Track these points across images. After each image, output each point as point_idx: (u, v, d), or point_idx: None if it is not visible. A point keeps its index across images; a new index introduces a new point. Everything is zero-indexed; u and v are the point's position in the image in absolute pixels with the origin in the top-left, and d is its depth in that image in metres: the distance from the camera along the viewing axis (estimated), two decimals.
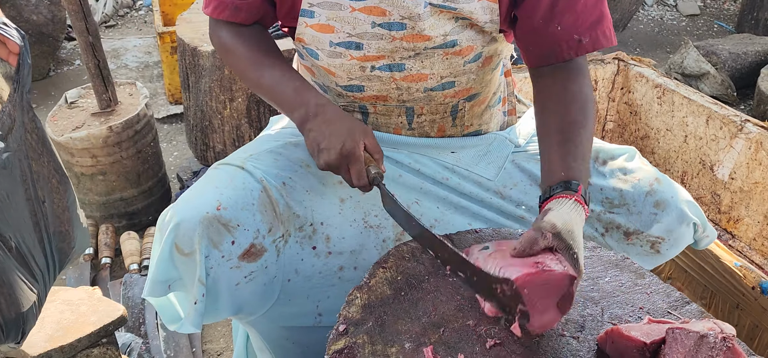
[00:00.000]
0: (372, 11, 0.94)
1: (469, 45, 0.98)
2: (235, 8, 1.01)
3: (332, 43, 0.98)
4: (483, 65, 1.03)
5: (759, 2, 3.49)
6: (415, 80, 1.00)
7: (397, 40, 0.96)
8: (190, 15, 2.29)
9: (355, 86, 1.02)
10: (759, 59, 2.93)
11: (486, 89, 1.07)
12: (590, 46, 0.94)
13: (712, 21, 4.09)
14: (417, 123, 1.05)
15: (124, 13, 3.81)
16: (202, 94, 2.08)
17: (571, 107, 0.92)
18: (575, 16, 0.93)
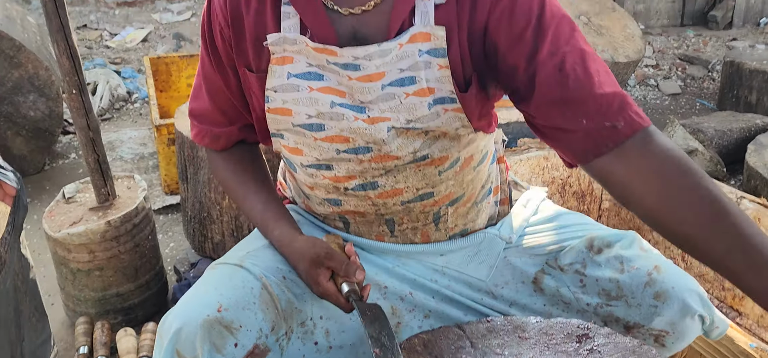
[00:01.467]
0: (334, 140, 0.93)
1: (442, 155, 0.96)
2: (214, 137, 1.05)
3: (303, 165, 0.98)
4: (462, 168, 1.00)
5: (737, 81, 3.62)
6: (391, 196, 0.98)
7: (365, 162, 0.94)
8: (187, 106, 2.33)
9: (333, 200, 1.01)
10: (744, 135, 3.01)
11: (470, 188, 1.04)
12: (628, 130, 0.83)
13: (693, 99, 4.22)
14: (399, 231, 1.03)
15: (120, 107, 3.87)
16: (200, 186, 2.08)
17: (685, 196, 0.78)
18: (596, 103, 0.84)
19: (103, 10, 5.25)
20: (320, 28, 0.89)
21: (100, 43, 4.69)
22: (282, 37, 0.90)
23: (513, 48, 0.86)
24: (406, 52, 0.88)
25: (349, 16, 0.89)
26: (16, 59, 2.78)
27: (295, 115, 0.93)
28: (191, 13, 5.21)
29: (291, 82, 0.92)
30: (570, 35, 0.86)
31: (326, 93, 0.91)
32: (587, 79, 0.85)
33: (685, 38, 5.15)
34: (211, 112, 1.04)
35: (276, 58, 0.92)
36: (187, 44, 4.77)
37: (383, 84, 0.90)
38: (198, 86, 1.05)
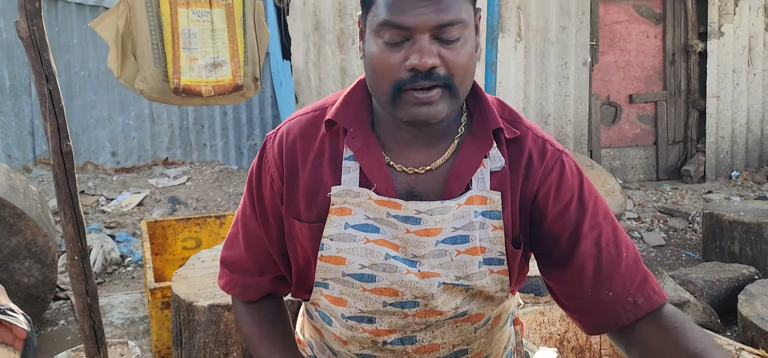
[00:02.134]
0: (383, 292, 0.96)
1: (479, 312, 0.99)
2: (244, 286, 1.06)
3: (344, 316, 0.99)
4: (492, 326, 1.03)
5: (718, 232, 3.74)
6: (427, 351, 1.00)
7: (409, 317, 0.97)
8: (186, 271, 2.35)
9: (367, 355, 1.01)
10: (734, 286, 3.06)
11: (496, 347, 1.07)
12: (647, 306, 0.93)
13: (678, 251, 4.32)
14: None
15: (113, 271, 3.86)
16: (195, 350, 2.04)
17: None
18: (622, 278, 0.93)
19: (102, 176, 5.41)
20: (383, 182, 0.94)
21: (96, 208, 4.78)
22: (346, 189, 0.95)
23: (559, 218, 0.95)
24: (462, 212, 0.94)
25: (404, 174, 0.96)
26: (16, 227, 2.83)
27: (348, 264, 0.96)
28: (187, 178, 5.38)
29: (348, 232, 0.95)
30: (605, 211, 0.97)
31: (381, 245, 0.95)
32: (618, 255, 0.94)
33: (663, 192, 5.37)
34: (244, 261, 1.05)
35: (335, 209, 0.95)
36: (182, 208, 4.88)
37: (437, 240, 0.94)
38: (234, 235, 1.07)
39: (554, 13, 5.05)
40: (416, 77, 0.87)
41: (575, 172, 0.97)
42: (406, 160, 0.96)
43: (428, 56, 0.86)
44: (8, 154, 5.28)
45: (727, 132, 5.62)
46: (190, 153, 5.67)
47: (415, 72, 0.87)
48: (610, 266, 0.94)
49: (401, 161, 0.96)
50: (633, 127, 5.68)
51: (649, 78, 5.65)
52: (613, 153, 5.61)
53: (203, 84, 3.31)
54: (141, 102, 5.45)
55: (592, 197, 0.97)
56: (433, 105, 0.89)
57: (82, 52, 5.36)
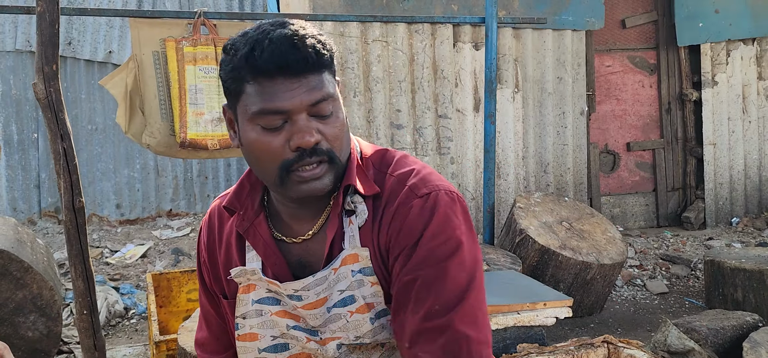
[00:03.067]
0: (300, 356, 1.00)
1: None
2: (201, 346, 1.14)
3: None
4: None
5: (721, 279, 3.75)
6: None
7: None
8: (193, 323, 2.36)
9: None
10: (738, 333, 3.05)
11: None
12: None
13: (681, 298, 4.31)
14: None
15: (116, 323, 3.86)
16: None
17: None
18: (409, 326, 0.91)
19: (106, 228, 5.45)
20: (270, 258, 0.99)
21: (101, 260, 4.80)
22: (242, 269, 1.00)
23: (395, 262, 0.94)
24: (341, 274, 0.96)
25: (293, 244, 0.99)
26: (23, 281, 2.85)
27: (261, 339, 1.00)
28: (190, 229, 5.41)
29: (255, 307, 1.00)
30: (442, 259, 0.91)
31: (283, 317, 0.99)
32: (423, 303, 0.89)
33: (664, 239, 5.39)
34: (209, 340, 1.12)
35: (242, 288, 1.01)
36: (186, 259, 4.90)
37: (328, 307, 0.97)
38: (200, 316, 1.15)
39: (551, 65, 5.17)
40: (303, 155, 0.90)
41: (424, 216, 0.92)
42: (294, 231, 1.00)
43: (310, 134, 0.89)
44: (14, 207, 5.33)
45: (725, 179, 5.68)
46: (193, 204, 5.72)
47: (300, 151, 0.90)
48: (411, 314, 0.90)
49: (290, 233, 1.00)
50: (632, 174, 5.74)
51: (645, 126, 5.74)
52: (612, 200, 5.65)
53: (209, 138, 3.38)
54: (146, 155, 5.53)
55: (431, 243, 0.91)
56: (321, 179, 0.92)
57: (90, 106, 5.47)
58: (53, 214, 5.42)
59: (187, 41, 3.28)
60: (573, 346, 2.19)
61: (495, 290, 2.75)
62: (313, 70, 0.90)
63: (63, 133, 1.78)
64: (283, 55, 0.88)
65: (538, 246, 3.75)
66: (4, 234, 2.99)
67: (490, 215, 4.19)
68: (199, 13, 3.26)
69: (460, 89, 4.94)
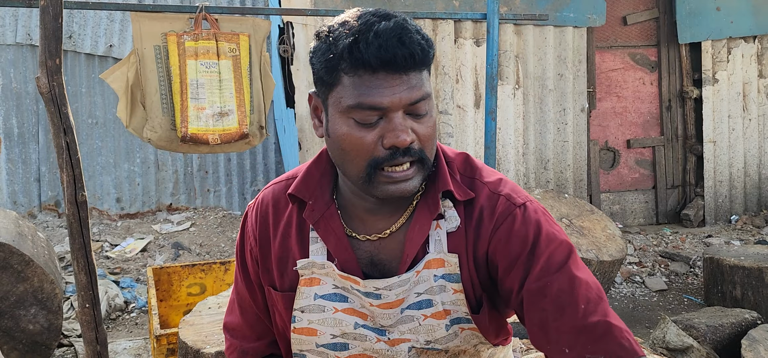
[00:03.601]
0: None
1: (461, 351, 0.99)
2: (242, 352, 1.10)
3: None
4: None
5: (720, 276, 3.76)
6: None
7: None
8: (193, 317, 2.37)
9: None
10: (736, 330, 3.07)
11: None
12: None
13: (680, 295, 4.32)
14: None
15: (116, 317, 3.87)
16: None
17: None
18: (576, 333, 0.88)
19: (106, 222, 5.45)
20: (342, 254, 0.96)
21: (101, 254, 4.81)
22: (310, 262, 0.97)
23: (508, 273, 0.93)
24: (422, 277, 0.94)
25: (366, 242, 0.97)
26: (24, 274, 2.86)
27: (320, 335, 0.98)
28: (190, 224, 5.42)
29: (317, 302, 0.97)
30: (563, 262, 0.91)
31: (350, 314, 0.97)
32: (571, 307, 0.88)
33: (663, 236, 5.40)
34: (241, 326, 1.10)
35: (304, 280, 0.98)
36: (186, 253, 4.90)
37: (402, 308, 0.95)
38: (232, 301, 1.12)
39: (551, 62, 5.17)
40: (395, 154, 0.88)
41: (531, 225, 0.93)
42: (368, 228, 0.97)
43: (406, 134, 0.87)
44: (14, 201, 5.33)
45: (724, 176, 5.69)
46: (194, 199, 5.73)
47: (393, 150, 0.88)
48: (558, 320, 0.88)
49: (363, 230, 0.97)
50: (631, 171, 5.75)
51: (646, 123, 5.74)
52: (612, 197, 5.66)
53: (210, 132, 3.38)
54: (147, 149, 5.53)
55: (549, 248, 0.92)
56: (411, 180, 0.90)
57: (90, 100, 5.47)
58: (53, 207, 5.42)
59: (189, 36, 3.28)
60: None
61: None
62: (416, 67, 0.87)
63: (66, 127, 1.78)
64: (389, 50, 0.85)
65: None
66: (5, 227, 3.00)
67: None
68: (200, 7, 3.26)
69: (461, 85, 4.94)
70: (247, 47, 3.44)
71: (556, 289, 0.89)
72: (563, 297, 0.89)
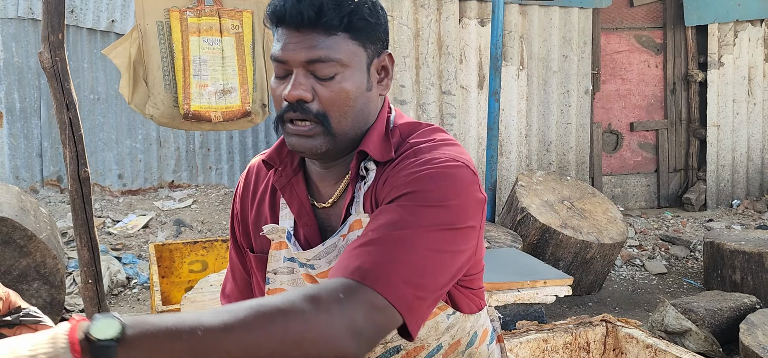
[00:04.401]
0: None
1: (417, 345, 0.97)
2: (227, 297, 1.15)
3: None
4: (446, 354, 1.00)
5: (720, 261, 3.77)
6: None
7: None
8: (195, 295, 2.38)
9: None
10: (735, 315, 3.08)
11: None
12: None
13: (680, 279, 4.34)
14: None
15: (118, 293, 3.89)
16: None
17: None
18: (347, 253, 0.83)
19: (108, 198, 5.46)
20: (303, 219, 0.99)
21: (103, 230, 4.83)
22: (273, 227, 1.01)
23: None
24: (349, 240, 0.94)
25: (322, 209, 1.00)
26: (27, 249, 2.87)
27: None
28: (192, 200, 5.43)
29: (286, 264, 1.01)
30: (415, 212, 0.83)
31: (307, 280, 1.00)
32: (358, 242, 0.83)
33: (664, 220, 5.41)
34: (235, 293, 1.13)
35: (274, 244, 1.02)
36: (187, 230, 4.92)
37: None
38: (228, 269, 1.16)
39: (556, 43, 5.14)
40: (293, 109, 0.90)
41: (421, 165, 0.87)
42: (321, 195, 1.00)
43: (296, 89, 0.88)
44: (16, 176, 5.34)
45: (727, 161, 5.67)
46: (195, 176, 5.73)
47: (288, 104, 0.90)
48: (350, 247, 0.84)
49: (319, 197, 1.00)
50: (634, 155, 5.74)
51: (650, 106, 5.72)
52: (614, 180, 5.66)
53: (213, 110, 3.37)
54: (149, 125, 5.53)
55: (412, 201, 0.84)
56: (309, 138, 0.90)
57: (92, 76, 5.45)
58: (55, 183, 5.43)
59: (192, 12, 3.26)
60: (572, 324, 2.22)
61: (495, 267, 2.77)
62: (314, 27, 0.88)
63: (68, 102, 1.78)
64: (285, 6, 0.89)
65: (539, 224, 3.76)
66: (8, 202, 3.00)
67: (492, 192, 4.19)
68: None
69: (465, 66, 4.91)
70: (251, 24, 3.42)
71: (375, 224, 0.84)
72: (371, 248, 0.82)
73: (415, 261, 0.81)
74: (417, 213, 0.84)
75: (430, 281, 0.82)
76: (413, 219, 0.83)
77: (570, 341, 2.18)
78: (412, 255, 0.81)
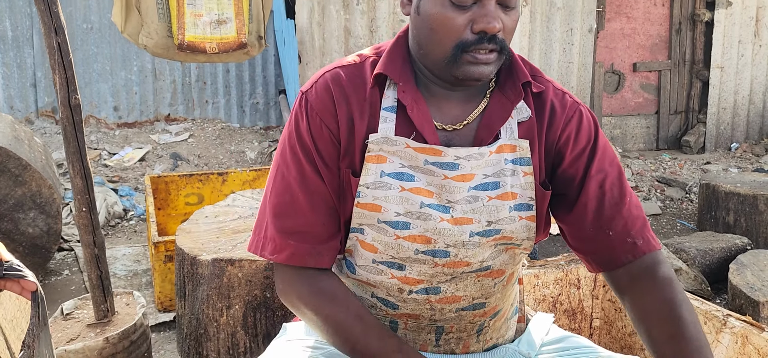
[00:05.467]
0: (416, 240, 0.99)
1: (501, 268, 1.05)
2: (317, 254, 0.99)
3: (375, 261, 1.02)
4: (507, 283, 1.09)
5: (714, 202, 3.79)
6: (449, 302, 1.04)
7: (438, 266, 1.00)
8: (190, 226, 2.39)
9: (391, 303, 1.05)
10: (725, 255, 3.12)
11: (506, 303, 1.12)
12: (645, 247, 1.00)
13: (674, 220, 4.37)
14: (444, 340, 1.08)
15: (116, 224, 3.92)
16: (198, 302, 2.10)
17: (675, 323, 0.93)
18: (623, 220, 1.00)
19: (104, 130, 5.43)
20: (431, 136, 0.99)
21: (99, 162, 4.82)
22: (384, 137, 0.98)
23: (574, 162, 1.03)
24: (492, 160, 1.00)
25: (443, 131, 1.01)
26: (21, 178, 2.87)
27: (384, 212, 0.98)
28: (189, 134, 5.40)
29: (384, 180, 0.98)
30: (612, 158, 1.05)
31: (416, 193, 0.98)
32: (621, 199, 1.02)
33: (662, 162, 5.41)
34: (313, 226, 0.99)
35: (371, 157, 0.98)
36: (184, 164, 4.92)
37: (470, 186, 0.99)
38: (287, 203, 1.00)
39: None
40: (482, 40, 0.92)
41: (591, 122, 1.05)
42: (443, 116, 1.01)
43: (497, 21, 0.92)
44: (10, 106, 5.29)
45: (729, 103, 5.62)
46: (192, 110, 5.68)
47: (482, 35, 0.92)
48: (612, 208, 1.00)
49: (439, 118, 1.01)
50: (635, 96, 5.68)
51: (654, 47, 5.62)
52: (613, 121, 5.62)
53: (207, 41, 3.31)
54: (143, 56, 5.44)
55: (603, 144, 1.05)
56: (489, 65, 0.95)
57: (85, 4, 5.32)
58: (50, 114, 5.38)
59: None
60: (563, 260, 2.24)
61: None
62: None
63: (57, 26, 1.73)
64: None
65: None
66: (1, 131, 2.98)
67: None
68: None
69: None
70: None
71: (610, 180, 1.02)
72: (615, 188, 1.02)
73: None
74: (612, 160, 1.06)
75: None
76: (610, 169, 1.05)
77: (561, 278, 2.21)
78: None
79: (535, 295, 2.18)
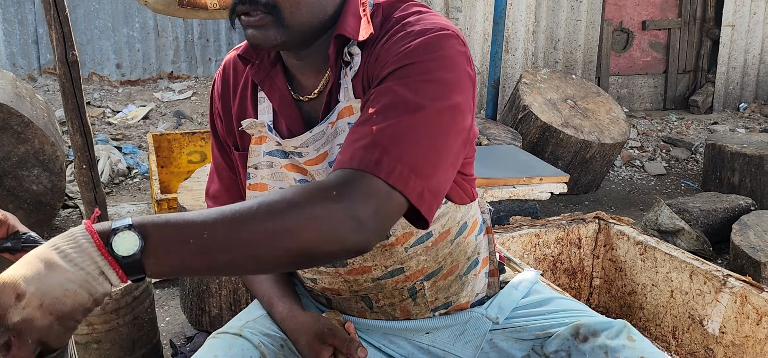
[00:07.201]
0: None
1: (405, 232, 0.95)
2: (213, 198, 1.13)
3: None
4: (435, 243, 0.99)
5: (720, 163, 3.76)
6: (360, 273, 0.99)
7: None
8: (191, 183, 2.40)
9: (310, 277, 1.06)
10: (728, 215, 3.10)
11: (448, 261, 1.02)
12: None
13: (678, 180, 4.35)
14: (377, 307, 1.04)
15: (120, 182, 3.93)
16: None
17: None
18: (352, 134, 0.82)
19: (107, 88, 5.41)
20: (286, 110, 0.97)
21: (103, 120, 4.81)
22: (253, 121, 0.99)
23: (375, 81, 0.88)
24: (339, 127, 0.92)
25: (306, 101, 0.97)
26: (24, 135, 2.87)
27: (270, 189, 1.00)
28: (192, 92, 5.38)
29: (266, 158, 1.00)
30: (417, 88, 0.81)
31: (291, 170, 0.98)
32: (380, 120, 0.80)
33: (668, 122, 5.35)
34: (219, 192, 1.11)
35: (255, 139, 1.00)
36: (187, 122, 4.90)
37: (329, 161, 0.94)
38: (212, 169, 1.14)
39: None
40: (242, 2, 0.86)
41: (413, 44, 0.84)
42: (302, 87, 0.98)
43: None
44: (13, 63, 5.26)
45: (739, 63, 5.53)
46: (195, 67, 5.64)
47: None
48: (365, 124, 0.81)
49: (300, 89, 0.98)
50: (644, 54, 5.59)
51: (663, 4, 5.50)
52: (621, 81, 5.55)
53: None
54: (145, 13, 5.37)
55: (414, 67, 0.82)
56: (261, 29, 0.87)
57: None
58: (53, 71, 5.35)
59: None
60: (565, 220, 2.23)
61: (493, 163, 2.76)
62: None
63: None
64: None
65: (540, 123, 3.73)
66: (2, 88, 2.97)
67: (495, 89, 4.12)
68: None
69: None
70: None
71: (381, 102, 0.81)
72: (378, 111, 0.81)
73: (421, 141, 0.78)
74: (417, 89, 0.80)
75: (438, 162, 0.80)
76: (413, 96, 0.80)
77: (562, 237, 2.21)
78: (417, 135, 0.78)
79: (535, 254, 2.19)
